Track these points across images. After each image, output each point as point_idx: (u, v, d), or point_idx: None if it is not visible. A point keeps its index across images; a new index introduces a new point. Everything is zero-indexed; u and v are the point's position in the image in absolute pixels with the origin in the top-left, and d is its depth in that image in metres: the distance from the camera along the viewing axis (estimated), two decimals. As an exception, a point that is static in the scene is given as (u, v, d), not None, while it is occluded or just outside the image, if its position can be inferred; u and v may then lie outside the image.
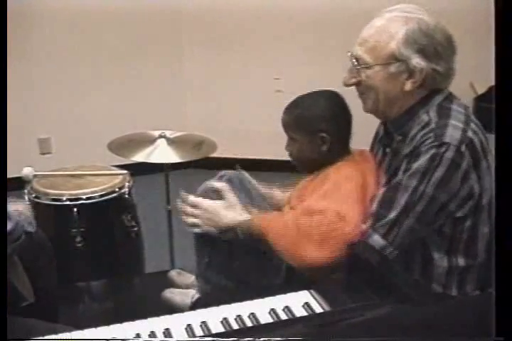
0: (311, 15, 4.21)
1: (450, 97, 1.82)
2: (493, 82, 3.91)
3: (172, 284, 2.41)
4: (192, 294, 2.23)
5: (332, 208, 1.75)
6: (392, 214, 1.72)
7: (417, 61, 1.73)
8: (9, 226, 1.78)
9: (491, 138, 3.71)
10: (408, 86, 1.76)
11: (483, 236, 1.80)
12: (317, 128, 1.92)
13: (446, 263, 1.79)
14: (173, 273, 2.47)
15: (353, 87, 1.87)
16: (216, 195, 2.07)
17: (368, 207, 1.79)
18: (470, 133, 1.71)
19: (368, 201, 1.80)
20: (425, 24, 1.75)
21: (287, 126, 1.99)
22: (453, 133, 1.69)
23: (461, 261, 1.80)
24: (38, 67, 4.08)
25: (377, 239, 1.73)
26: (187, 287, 2.28)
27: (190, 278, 2.35)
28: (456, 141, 1.67)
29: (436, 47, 1.75)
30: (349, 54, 1.83)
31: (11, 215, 1.84)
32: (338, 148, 1.94)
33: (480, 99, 3.71)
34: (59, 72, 4.19)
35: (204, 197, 2.09)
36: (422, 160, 1.68)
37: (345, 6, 4.02)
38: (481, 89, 3.79)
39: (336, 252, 1.73)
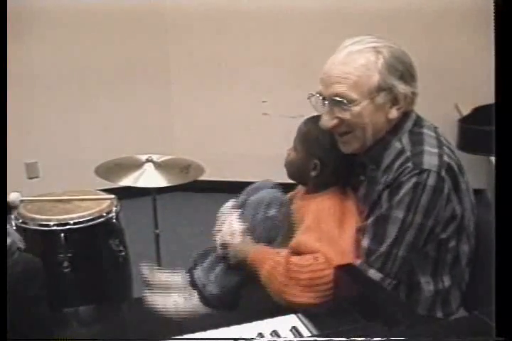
0: (298, 38, 4.25)
1: (419, 121, 1.82)
2: (477, 104, 3.94)
3: (145, 282, 2.29)
4: (174, 299, 2.17)
5: (322, 251, 1.74)
6: (384, 247, 1.71)
7: (402, 87, 1.73)
8: (8, 240, 1.79)
9: (477, 159, 3.72)
10: (393, 113, 1.75)
11: (464, 255, 1.81)
12: (313, 153, 1.91)
13: (432, 286, 1.79)
14: (146, 271, 2.33)
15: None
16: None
17: (347, 241, 1.78)
18: (446, 158, 1.71)
19: (348, 234, 1.79)
20: (395, 50, 1.75)
21: (297, 135, 1.97)
22: (430, 159, 1.69)
23: (446, 282, 1.80)
24: (25, 90, 4.08)
25: (374, 274, 1.73)
26: (160, 286, 2.18)
27: (162, 277, 2.25)
28: (435, 166, 1.68)
29: (410, 70, 1.76)
30: (319, 96, 1.78)
31: (9, 231, 1.85)
32: (328, 177, 1.92)
33: (465, 121, 3.74)
34: (46, 96, 4.20)
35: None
36: (405, 190, 1.68)
37: (333, 29, 4.07)
38: (466, 111, 3.82)
39: (322, 297, 1.73)
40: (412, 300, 1.81)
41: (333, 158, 1.90)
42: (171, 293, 2.08)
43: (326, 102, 1.77)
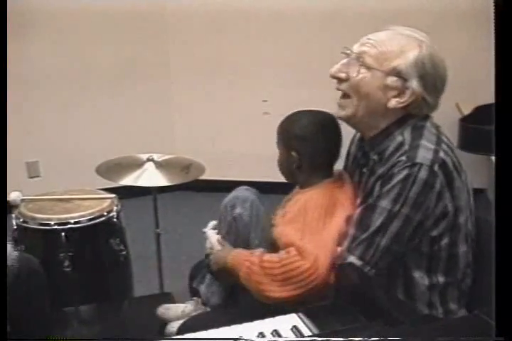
0: (298, 38, 4.25)
1: (425, 118, 1.83)
2: (478, 103, 3.94)
3: (164, 321, 2.41)
4: (182, 308, 2.29)
5: (296, 244, 1.78)
6: (366, 234, 1.72)
7: (414, 83, 1.74)
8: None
9: (478, 158, 3.72)
10: (392, 103, 1.76)
11: (462, 255, 1.81)
12: (290, 146, 1.95)
13: (427, 281, 1.79)
14: (162, 311, 2.45)
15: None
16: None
17: (332, 232, 1.80)
18: (442, 154, 1.72)
19: (334, 226, 1.81)
20: (435, 54, 1.77)
21: (278, 133, 2.03)
22: (425, 154, 1.70)
23: (441, 279, 1.80)
24: (26, 90, 4.08)
25: (352, 260, 1.74)
26: (178, 318, 2.28)
27: (179, 308, 2.36)
28: (428, 161, 1.68)
29: (435, 80, 1.77)
30: (347, 50, 1.81)
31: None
32: (311, 169, 1.95)
33: (466, 120, 3.74)
34: (46, 95, 4.20)
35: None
36: (395, 181, 1.69)
37: (333, 29, 4.07)
38: (467, 110, 3.82)
39: (299, 289, 1.75)
40: (409, 296, 1.81)
41: (310, 149, 1.93)
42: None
43: (349, 57, 1.81)
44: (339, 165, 2.05)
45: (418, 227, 1.72)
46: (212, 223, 2.23)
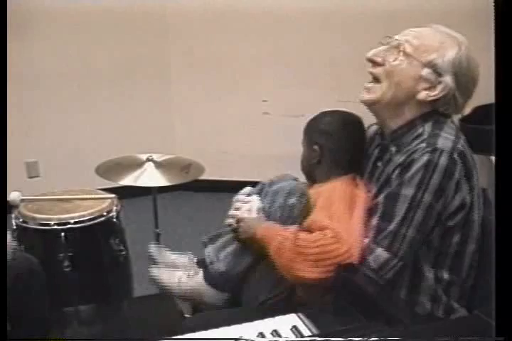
0: (298, 38, 4.25)
1: (447, 115, 1.85)
2: (478, 103, 3.94)
3: (153, 261, 2.32)
4: (179, 275, 2.18)
5: (331, 227, 1.76)
6: (393, 226, 1.72)
7: (448, 79, 1.76)
8: None
9: (478, 158, 3.72)
10: (422, 95, 1.77)
11: (470, 253, 1.81)
12: (313, 140, 1.99)
13: (432, 275, 1.79)
14: (154, 250, 2.36)
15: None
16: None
17: (356, 222, 1.80)
18: (460, 145, 1.73)
19: (357, 217, 1.81)
20: (472, 57, 1.80)
21: (303, 134, 2.05)
22: (444, 141, 1.71)
23: (445, 276, 1.80)
24: (25, 90, 4.08)
25: (381, 253, 1.73)
26: (167, 265, 2.21)
27: (170, 257, 2.28)
28: (448, 147, 1.69)
29: (468, 81, 1.79)
30: (389, 38, 1.83)
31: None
32: (331, 164, 1.97)
33: (465, 120, 3.73)
34: (46, 95, 4.20)
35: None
36: (416, 167, 1.69)
37: (333, 29, 4.07)
38: (466, 110, 3.81)
39: (328, 272, 1.73)
40: (414, 288, 1.81)
41: (332, 143, 1.96)
42: (176, 271, 2.10)
43: (389, 45, 1.82)
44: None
45: (439, 217, 1.72)
46: (247, 190, 2.14)
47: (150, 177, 2.75)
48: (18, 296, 2.08)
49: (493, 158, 3.17)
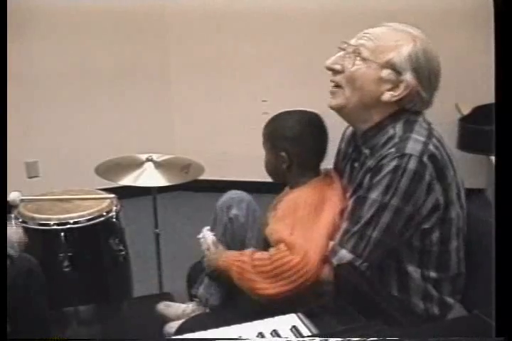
0: (298, 38, 4.25)
1: (417, 113, 1.84)
2: (478, 103, 3.95)
3: (163, 318, 2.40)
4: (183, 308, 2.27)
5: (285, 240, 1.80)
6: (357, 227, 1.74)
7: (409, 76, 1.75)
8: None
9: (478, 158, 3.72)
10: (386, 96, 1.77)
11: (454, 250, 1.82)
12: (278, 147, 1.97)
13: (419, 275, 1.80)
14: (162, 307, 2.44)
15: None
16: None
17: (323, 227, 1.82)
18: (431, 147, 1.72)
19: (324, 222, 1.83)
20: (429, 49, 1.79)
21: (264, 134, 2.04)
22: (414, 145, 1.71)
23: (433, 275, 1.81)
24: (25, 90, 4.08)
25: (344, 254, 1.75)
26: (178, 318, 2.28)
27: (180, 307, 2.35)
28: (417, 152, 1.69)
29: (429, 74, 1.78)
30: (344, 44, 1.83)
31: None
32: (300, 169, 1.98)
33: (465, 120, 3.74)
34: (46, 95, 4.20)
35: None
36: (384, 172, 1.69)
37: (333, 29, 4.07)
38: (466, 110, 3.82)
39: (290, 284, 1.77)
40: (404, 289, 1.82)
41: (299, 149, 1.95)
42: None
43: (345, 51, 1.83)
44: (328, 164, 2.06)
45: (409, 220, 1.72)
46: (207, 228, 2.24)
47: (150, 177, 2.75)
48: (17, 296, 2.08)
49: (493, 158, 3.17)
